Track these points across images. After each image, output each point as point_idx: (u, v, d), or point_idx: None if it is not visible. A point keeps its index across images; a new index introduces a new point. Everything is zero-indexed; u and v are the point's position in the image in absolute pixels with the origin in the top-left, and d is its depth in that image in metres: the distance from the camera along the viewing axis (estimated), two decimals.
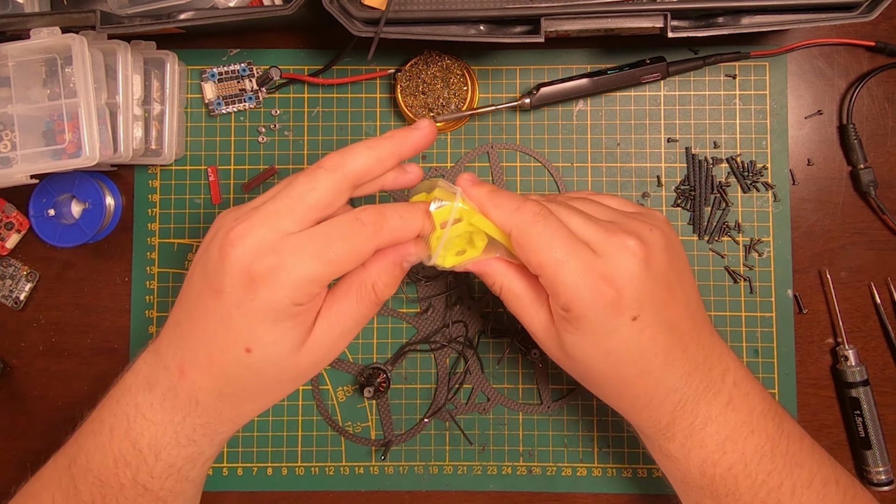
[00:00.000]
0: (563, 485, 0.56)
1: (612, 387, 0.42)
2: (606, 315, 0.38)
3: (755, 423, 0.42)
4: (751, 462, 0.41)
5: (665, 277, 0.40)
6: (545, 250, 0.38)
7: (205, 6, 0.51)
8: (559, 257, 0.38)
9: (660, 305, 0.40)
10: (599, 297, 0.38)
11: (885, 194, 0.56)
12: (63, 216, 0.55)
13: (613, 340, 0.39)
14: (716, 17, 0.49)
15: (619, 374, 0.40)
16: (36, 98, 0.51)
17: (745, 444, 0.41)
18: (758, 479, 0.41)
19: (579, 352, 0.40)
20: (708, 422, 0.41)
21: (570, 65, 0.57)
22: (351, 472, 0.57)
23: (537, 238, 0.38)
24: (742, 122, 0.56)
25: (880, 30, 0.56)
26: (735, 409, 0.41)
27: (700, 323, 0.42)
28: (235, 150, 0.58)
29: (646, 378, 0.40)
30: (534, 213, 0.39)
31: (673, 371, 0.40)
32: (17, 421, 0.58)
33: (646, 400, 0.41)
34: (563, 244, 0.38)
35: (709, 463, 0.41)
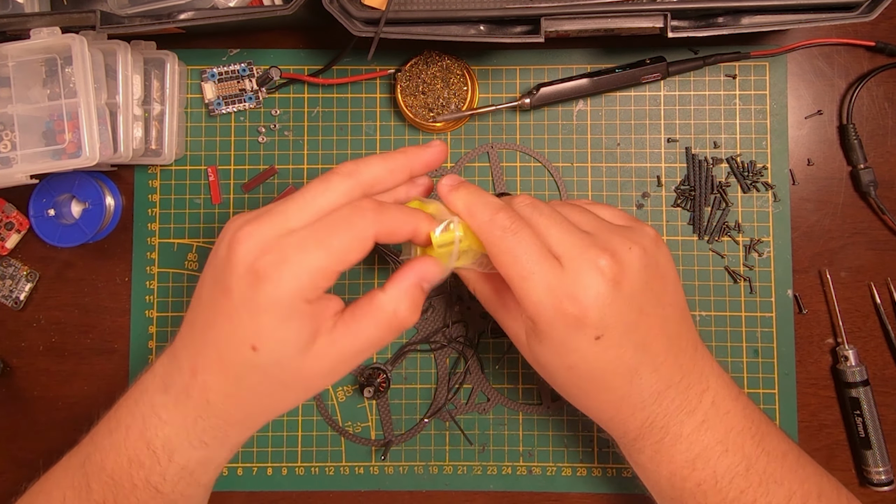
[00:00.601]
0: (563, 485, 0.56)
1: (577, 397, 0.43)
2: (567, 333, 0.38)
3: (730, 443, 0.41)
4: (721, 480, 0.40)
5: (637, 299, 0.39)
6: (513, 265, 0.38)
7: (205, 6, 0.51)
8: (525, 273, 0.38)
9: (629, 326, 0.39)
10: (561, 315, 0.38)
11: (885, 194, 0.56)
12: (63, 216, 0.55)
13: (574, 357, 0.39)
14: (716, 17, 0.49)
15: (582, 387, 0.41)
16: (36, 98, 0.51)
17: (717, 463, 0.41)
18: (728, 495, 0.40)
19: (545, 362, 0.41)
20: (678, 440, 0.41)
21: (570, 65, 0.57)
22: (351, 472, 0.57)
23: (507, 252, 0.38)
24: (742, 122, 0.56)
25: (880, 30, 0.56)
26: (710, 429, 0.41)
27: (680, 342, 0.42)
28: (235, 150, 0.58)
29: (609, 394, 0.41)
30: (503, 227, 0.39)
31: (640, 390, 0.40)
32: (17, 421, 0.58)
33: (612, 412, 0.42)
34: (531, 260, 0.38)
35: (677, 477, 0.41)
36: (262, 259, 0.35)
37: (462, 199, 0.41)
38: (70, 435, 0.58)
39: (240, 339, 0.37)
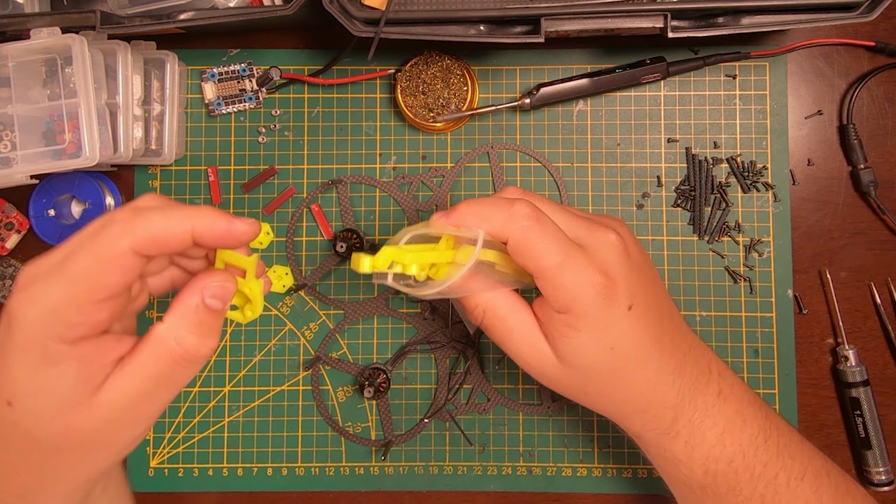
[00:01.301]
0: (563, 485, 0.56)
1: (616, 388, 0.41)
2: (607, 307, 0.38)
3: (746, 413, 0.42)
4: (748, 453, 0.41)
5: (642, 268, 0.41)
6: (545, 255, 0.38)
7: (205, 6, 0.51)
8: (559, 259, 0.38)
9: (646, 293, 0.40)
10: (599, 291, 0.38)
11: (885, 194, 0.56)
12: (63, 216, 0.55)
13: (614, 333, 0.39)
14: (716, 17, 0.49)
15: (623, 369, 0.40)
16: (36, 98, 0.51)
17: (741, 435, 0.41)
18: (755, 470, 0.41)
19: (581, 355, 0.40)
20: (706, 414, 0.41)
21: (570, 65, 0.57)
22: (351, 473, 0.57)
23: (537, 243, 0.38)
24: (742, 122, 0.56)
25: (880, 30, 0.56)
26: (726, 400, 0.42)
27: (676, 314, 0.44)
28: (235, 150, 0.58)
29: (647, 369, 0.40)
30: (527, 216, 0.38)
31: (668, 361, 0.41)
32: None
33: (650, 395, 0.41)
34: (561, 246, 0.38)
35: (711, 459, 0.41)
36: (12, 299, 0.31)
37: (469, 209, 0.39)
38: None
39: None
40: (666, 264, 0.56)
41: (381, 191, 0.57)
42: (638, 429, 0.43)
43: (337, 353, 0.57)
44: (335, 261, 0.57)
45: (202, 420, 0.57)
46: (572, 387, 0.42)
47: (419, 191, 0.57)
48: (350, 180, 0.57)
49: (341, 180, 0.57)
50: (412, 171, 0.57)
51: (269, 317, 0.57)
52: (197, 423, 0.57)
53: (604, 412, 0.44)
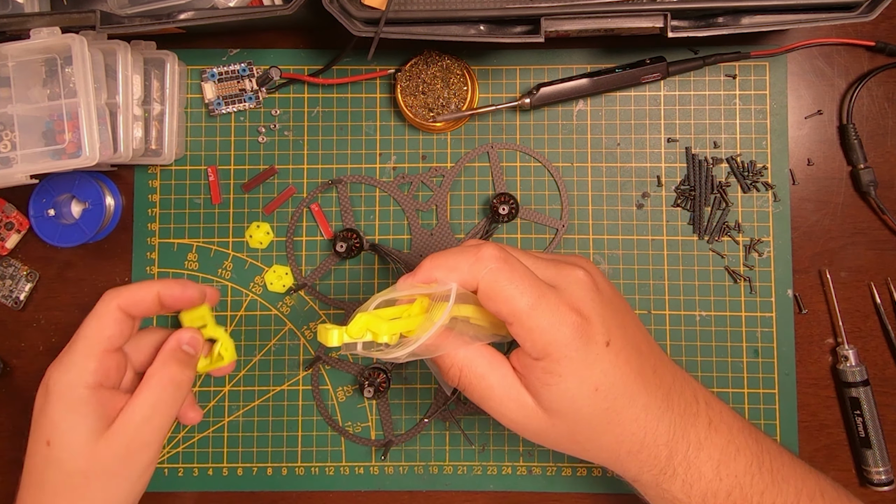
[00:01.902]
0: (562, 485, 0.56)
1: (606, 431, 0.39)
2: (585, 346, 0.38)
3: (738, 442, 0.41)
4: (745, 483, 0.40)
5: (614, 302, 0.41)
6: (516, 296, 0.37)
7: (205, 6, 0.51)
8: (531, 300, 0.37)
9: (621, 327, 0.40)
10: (575, 330, 0.37)
11: (885, 194, 0.56)
12: (63, 216, 0.55)
13: (596, 372, 0.38)
14: (716, 17, 0.49)
15: (610, 410, 0.39)
16: (36, 98, 0.51)
17: (736, 466, 0.40)
18: (753, 501, 0.40)
19: (567, 402, 0.38)
20: (700, 447, 0.40)
21: (570, 65, 0.57)
22: (351, 472, 0.57)
23: (507, 285, 0.37)
24: (742, 122, 0.56)
25: (880, 30, 0.56)
26: (717, 430, 0.41)
27: (655, 345, 0.43)
28: (235, 150, 0.58)
29: (634, 406, 0.39)
30: (495, 258, 0.37)
31: (654, 395, 0.40)
32: (17, 421, 0.58)
33: (641, 434, 0.40)
34: (532, 286, 0.37)
35: (710, 495, 0.40)
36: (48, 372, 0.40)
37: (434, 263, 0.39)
38: None
39: (36, 442, 0.40)
40: (666, 264, 0.56)
41: (381, 191, 0.57)
42: (634, 472, 0.41)
43: (337, 354, 0.57)
44: (335, 261, 0.57)
45: (202, 420, 0.57)
46: (562, 437, 0.40)
47: (419, 191, 0.57)
48: (350, 180, 0.57)
49: (341, 180, 0.57)
50: (412, 170, 0.57)
51: (269, 317, 0.57)
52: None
53: (597, 460, 0.41)
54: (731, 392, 0.56)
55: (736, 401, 0.55)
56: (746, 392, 0.55)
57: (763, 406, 0.55)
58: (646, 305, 0.56)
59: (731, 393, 0.56)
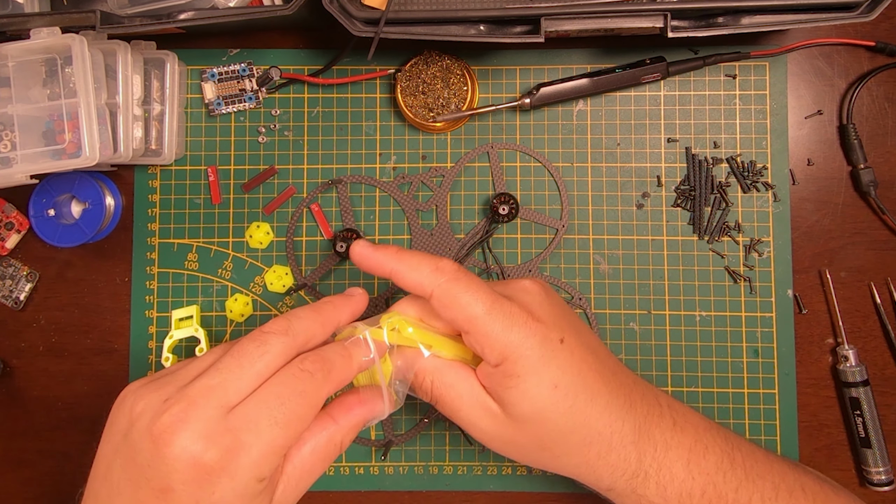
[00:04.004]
0: (562, 485, 0.56)
1: (572, 432, 0.40)
2: (540, 345, 0.39)
3: (706, 440, 0.41)
4: (718, 481, 0.40)
5: (564, 308, 0.43)
6: (472, 303, 0.38)
7: (205, 6, 0.51)
8: (486, 306, 0.38)
9: (574, 330, 0.41)
10: (529, 330, 0.39)
11: (885, 194, 0.56)
12: (63, 216, 0.55)
13: (553, 369, 0.39)
14: (716, 17, 0.49)
15: (573, 409, 0.39)
16: (36, 98, 0.51)
17: (706, 464, 0.41)
18: (729, 498, 0.40)
19: (528, 403, 0.39)
20: (667, 447, 0.41)
21: (570, 65, 0.57)
22: (351, 472, 0.57)
23: (463, 293, 0.39)
24: (742, 122, 0.56)
25: (880, 30, 0.56)
26: (683, 430, 0.41)
27: (612, 354, 0.44)
28: (235, 150, 0.58)
29: (596, 404, 0.39)
30: (453, 270, 0.39)
31: (615, 394, 0.40)
32: (17, 421, 0.58)
33: (608, 434, 0.40)
34: (486, 295, 0.39)
35: (685, 495, 0.40)
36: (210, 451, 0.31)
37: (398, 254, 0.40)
38: (70, 435, 0.58)
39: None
40: (666, 264, 0.56)
41: (381, 191, 0.57)
42: (608, 480, 0.41)
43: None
44: (335, 261, 0.57)
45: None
46: (532, 446, 0.40)
47: (419, 191, 0.57)
48: (350, 180, 0.57)
49: (341, 180, 0.57)
50: (412, 170, 0.57)
51: (270, 317, 0.57)
52: None
53: (568, 468, 0.41)
54: (731, 392, 0.56)
55: (736, 401, 0.56)
56: (746, 392, 0.56)
57: (763, 406, 0.55)
58: (646, 305, 0.56)
59: (731, 393, 0.56)
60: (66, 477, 0.57)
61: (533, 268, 0.56)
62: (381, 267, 0.41)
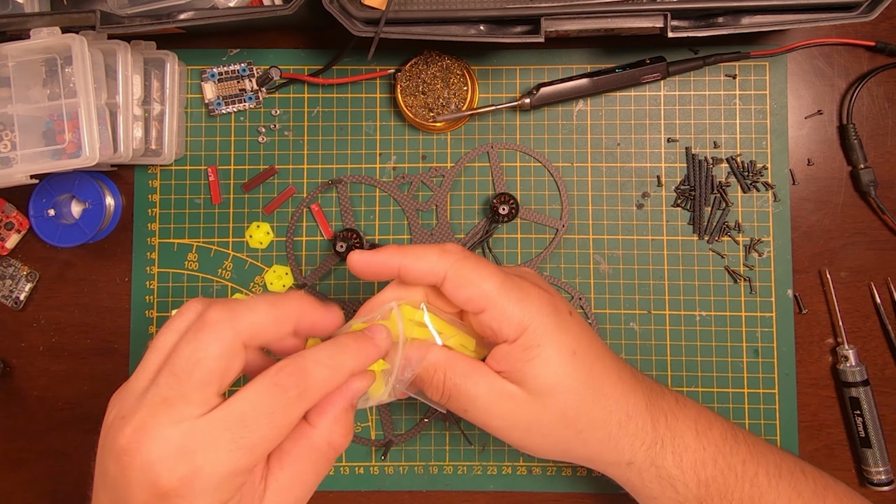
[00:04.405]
0: (562, 485, 0.56)
1: (594, 402, 0.39)
2: (555, 314, 0.39)
3: (708, 416, 0.43)
4: (726, 451, 0.41)
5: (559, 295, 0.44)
6: (486, 278, 0.38)
7: (205, 6, 0.51)
8: (500, 280, 0.39)
9: (572, 309, 0.42)
10: (543, 300, 0.39)
11: (885, 194, 0.56)
12: (63, 216, 0.55)
13: (570, 336, 0.39)
14: (716, 17, 0.49)
15: (591, 376, 0.39)
16: (36, 98, 0.51)
17: (713, 434, 0.42)
18: (738, 470, 0.41)
19: (550, 372, 0.38)
20: (676, 417, 0.42)
21: (570, 65, 0.57)
22: (351, 472, 0.57)
23: (475, 269, 0.39)
24: (742, 122, 0.56)
25: (880, 30, 0.56)
26: (685, 405, 0.43)
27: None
28: (235, 150, 0.58)
29: (609, 373, 0.40)
30: (460, 251, 0.39)
31: (623, 367, 0.42)
32: (17, 421, 0.58)
33: (624, 402, 0.40)
34: (496, 272, 0.39)
35: (699, 465, 0.41)
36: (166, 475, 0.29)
37: (401, 249, 0.39)
38: (70, 435, 0.58)
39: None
40: (666, 264, 0.56)
41: (381, 191, 0.57)
42: (628, 452, 0.41)
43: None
44: (335, 261, 0.57)
45: None
46: (555, 423, 0.39)
47: (419, 191, 0.57)
48: (350, 180, 0.57)
49: (341, 180, 0.57)
50: (412, 170, 0.57)
51: None
52: None
53: (593, 445, 0.41)
54: (731, 392, 0.56)
55: (736, 401, 0.56)
56: (746, 392, 0.56)
57: (763, 406, 0.55)
58: (646, 305, 0.56)
59: (731, 393, 0.56)
60: (66, 477, 0.57)
61: (533, 268, 0.56)
62: (387, 266, 0.39)
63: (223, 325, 0.31)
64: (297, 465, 0.33)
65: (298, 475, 0.33)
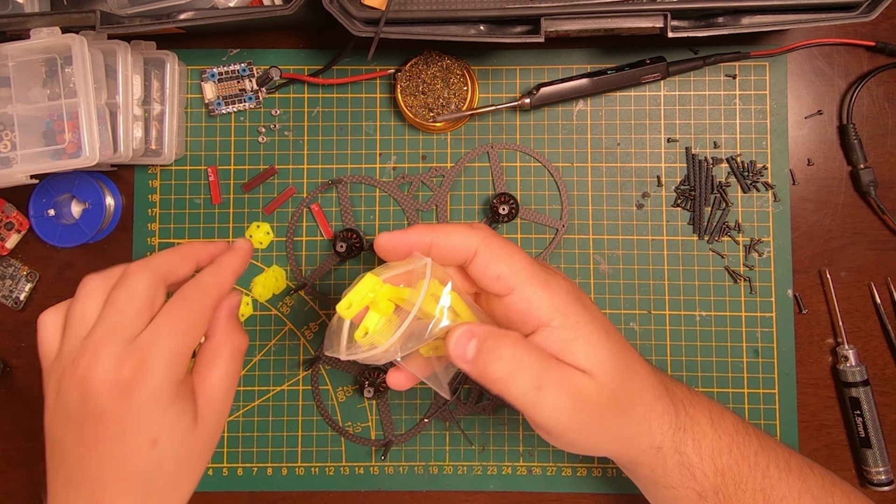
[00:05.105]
0: (562, 485, 0.56)
1: (632, 380, 0.39)
2: (581, 298, 0.39)
3: (719, 407, 0.43)
4: (739, 440, 0.42)
5: None
6: (515, 256, 0.38)
7: (205, 6, 0.51)
8: (528, 262, 0.38)
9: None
10: (569, 285, 0.39)
11: (885, 194, 0.56)
12: (63, 216, 0.55)
13: (599, 316, 0.39)
14: (716, 17, 0.49)
15: (624, 355, 0.39)
16: (36, 98, 0.51)
17: (726, 424, 0.42)
18: (750, 460, 0.41)
19: (594, 348, 0.38)
20: (692, 403, 0.42)
21: (570, 65, 0.57)
22: (351, 472, 0.57)
23: (504, 246, 0.39)
24: (742, 122, 0.56)
25: (880, 30, 0.56)
26: (696, 394, 0.43)
27: None
28: (235, 150, 0.58)
29: (634, 356, 0.41)
30: (488, 228, 0.40)
31: (639, 354, 0.42)
32: (17, 421, 0.58)
33: (650, 385, 0.40)
34: (523, 252, 0.39)
35: (716, 452, 0.41)
36: (122, 370, 0.35)
37: (430, 226, 0.39)
38: None
39: (134, 445, 0.36)
40: (666, 264, 0.56)
41: (381, 191, 0.57)
42: (658, 435, 0.40)
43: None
44: (335, 261, 0.57)
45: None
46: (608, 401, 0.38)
47: (419, 191, 0.57)
48: (350, 180, 0.57)
49: (341, 180, 0.57)
50: (412, 170, 0.57)
51: (269, 317, 0.57)
52: None
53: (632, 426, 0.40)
54: (731, 392, 0.56)
55: (736, 401, 0.55)
56: (746, 392, 0.56)
57: (763, 406, 0.55)
58: (646, 305, 0.56)
59: (731, 393, 0.56)
60: None
61: None
62: (418, 245, 0.39)
63: (144, 268, 0.38)
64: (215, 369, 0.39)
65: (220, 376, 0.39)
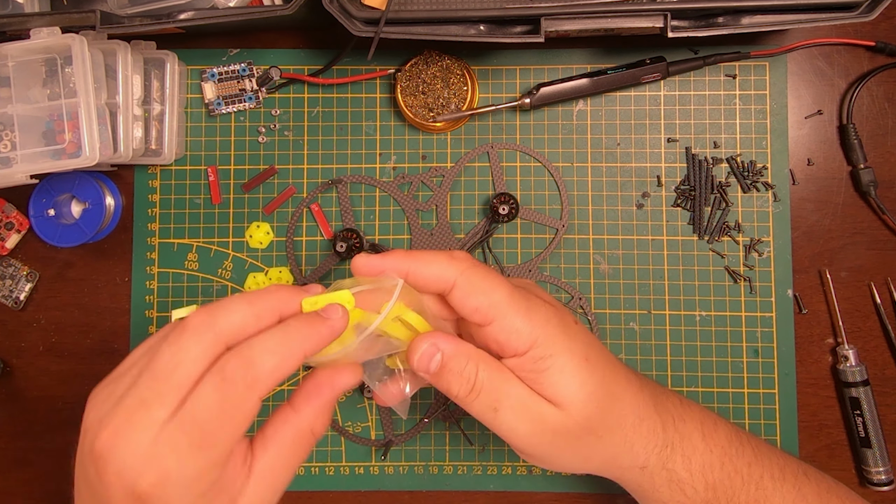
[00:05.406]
0: (562, 485, 0.56)
1: (610, 408, 0.39)
2: (562, 324, 0.39)
3: (713, 417, 0.43)
4: (731, 453, 0.41)
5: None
6: (495, 289, 0.37)
7: (205, 6, 0.51)
8: (507, 292, 0.38)
9: (576, 319, 0.42)
10: (550, 311, 0.39)
11: (885, 194, 0.56)
12: (63, 216, 0.55)
13: (580, 344, 0.39)
14: (716, 17, 0.49)
15: (605, 380, 0.39)
16: (36, 98, 0.51)
17: (719, 437, 0.42)
18: (743, 473, 0.41)
19: (566, 379, 0.38)
20: (681, 418, 0.42)
21: (570, 65, 0.57)
22: (351, 472, 0.57)
23: (485, 278, 0.38)
24: (742, 122, 0.56)
25: (880, 30, 0.56)
26: (689, 406, 0.43)
27: None
28: (235, 150, 0.58)
29: (619, 377, 0.40)
30: (469, 259, 0.39)
31: (627, 370, 0.42)
32: (17, 421, 0.58)
33: (635, 405, 0.40)
34: (504, 283, 0.38)
35: (707, 468, 0.41)
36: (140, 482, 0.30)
37: (409, 254, 0.38)
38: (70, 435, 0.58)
39: None
40: (666, 264, 0.56)
41: (381, 191, 0.57)
42: (643, 454, 0.41)
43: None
44: (335, 261, 0.57)
45: None
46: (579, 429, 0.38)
47: (419, 191, 0.57)
48: (350, 180, 0.57)
49: (341, 180, 0.57)
50: (412, 170, 0.57)
51: None
52: None
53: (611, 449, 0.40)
54: (731, 392, 0.56)
55: (736, 401, 0.56)
56: (746, 392, 0.56)
57: (763, 406, 0.55)
58: (646, 305, 0.56)
59: (731, 393, 0.56)
60: (67, 477, 0.57)
61: (533, 268, 0.56)
62: (395, 272, 0.38)
63: (203, 328, 0.31)
64: (279, 449, 0.34)
65: (281, 458, 0.34)
